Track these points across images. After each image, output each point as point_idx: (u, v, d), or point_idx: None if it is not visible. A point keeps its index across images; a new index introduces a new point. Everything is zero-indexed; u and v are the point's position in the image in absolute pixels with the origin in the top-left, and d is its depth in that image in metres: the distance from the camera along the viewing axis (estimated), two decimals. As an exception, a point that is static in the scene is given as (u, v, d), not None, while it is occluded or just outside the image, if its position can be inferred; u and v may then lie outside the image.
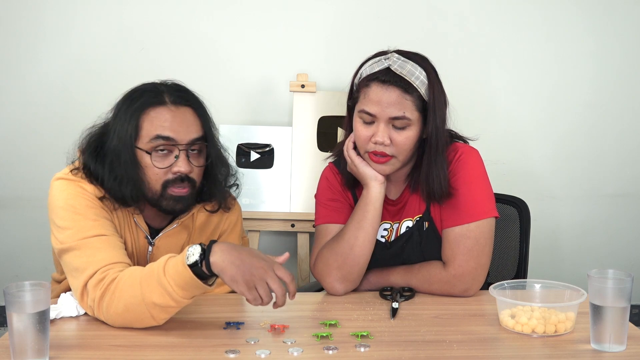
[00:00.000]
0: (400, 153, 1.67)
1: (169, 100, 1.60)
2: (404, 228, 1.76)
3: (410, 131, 1.65)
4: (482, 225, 1.68)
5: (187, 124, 1.59)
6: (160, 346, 1.38)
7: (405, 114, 1.63)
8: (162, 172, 1.57)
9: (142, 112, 1.58)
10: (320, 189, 1.86)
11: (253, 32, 2.67)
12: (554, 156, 2.80)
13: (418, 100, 1.65)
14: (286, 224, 2.59)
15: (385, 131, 1.64)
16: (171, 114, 1.58)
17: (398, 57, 1.66)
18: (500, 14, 2.72)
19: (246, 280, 1.37)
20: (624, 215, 2.85)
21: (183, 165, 1.57)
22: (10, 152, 2.69)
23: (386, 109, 1.63)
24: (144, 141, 1.58)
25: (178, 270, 1.38)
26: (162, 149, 1.57)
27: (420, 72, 1.65)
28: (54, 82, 2.66)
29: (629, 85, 2.78)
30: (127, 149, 1.57)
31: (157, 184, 1.58)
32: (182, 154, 1.57)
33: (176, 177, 1.57)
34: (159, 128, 1.56)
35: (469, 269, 1.66)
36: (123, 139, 1.57)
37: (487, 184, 1.73)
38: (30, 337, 1.25)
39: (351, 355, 1.33)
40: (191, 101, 1.64)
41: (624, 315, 1.33)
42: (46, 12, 2.63)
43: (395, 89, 1.63)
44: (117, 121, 1.60)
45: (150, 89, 1.63)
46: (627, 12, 2.73)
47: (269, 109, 2.70)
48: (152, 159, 1.56)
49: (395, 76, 1.63)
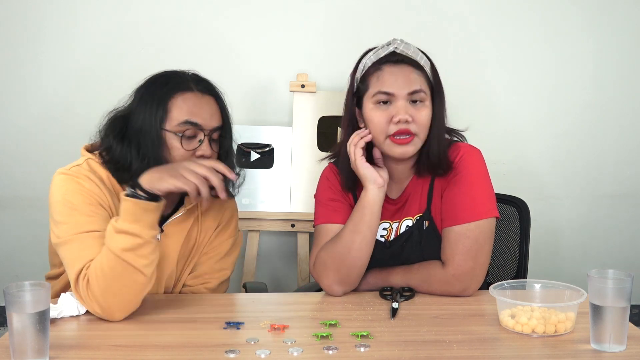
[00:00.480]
0: (421, 131, 1.69)
1: (195, 88, 1.70)
2: (404, 227, 1.76)
3: (427, 107, 1.69)
4: (482, 225, 1.68)
5: (211, 112, 1.69)
6: (160, 346, 1.38)
7: (421, 87, 1.68)
8: (187, 154, 1.66)
9: (171, 97, 1.67)
10: (320, 189, 1.86)
11: (253, 32, 2.67)
12: (554, 156, 2.80)
13: (426, 78, 1.71)
14: (286, 224, 2.59)
15: (404, 107, 1.66)
16: (198, 100, 1.68)
17: (401, 40, 1.72)
18: (499, 14, 2.72)
19: (172, 175, 1.52)
20: (624, 215, 2.85)
21: (207, 149, 1.67)
22: (10, 153, 2.69)
23: (404, 85, 1.67)
24: (172, 124, 1.65)
25: (123, 210, 1.50)
26: (189, 133, 1.66)
27: (422, 55, 1.73)
28: (55, 83, 2.66)
29: (629, 85, 2.78)
30: (155, 130, 1.64)
31: None
32: (206, 139, 1.67)
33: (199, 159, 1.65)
34: (188, 113, 1.66)
35: (467, 268, 1.66)
36: (150, 122, 1.65)
37: (488, 184, 1.73)
38: (30, 337, 1.25)
39: (351, 355, 1.33)
40: (213, 91, 1.75)
41: (624, 315, 1.33)
42: (47, 12, 2.63)
43: (408, 66, 1.70)
44: (142, 104, 1.67)
45: (175, 75, 1.72)
46: (626, 12, 2.74)
47: (269, 109, 2.70)
48: (182, 141, 1.65)
49: (403, 56, 1.71)
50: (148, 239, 1.51)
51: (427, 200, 1.75)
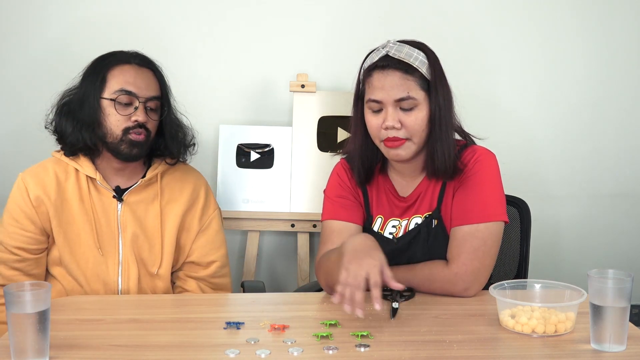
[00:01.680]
0: (414, 135, 1.68)
1: (134, 61, 1.86)
2: (413, 225, 1.76)
3: (419, 111, 1.67)
4: (491, 227, 1.68)
5: (147, 83, 1.85)
6: (160, 346, 1.38)
7: (409, 94, 1.66)
8: (123, 119, 1.80)
9: (110, 68, 1.83)
10: (330, 184, 1.86)
11: (253, 32, 2.67)
12: (554, 156, 2.80)
13: (421, 79, 1.67)
14: (286, 224, 2.59)
15: (393, 115, 1.66)
16: (135, 71, 1.84)
17: (394, 42, 1.69)
18: (499, 14, 2.72)
19: None
20: (625, 215, 2.85)
21: (141, 115, 1.81)
22: (11, 153, 2.69)
23: (390, 92, 1.66)
24: (109, 92, 1.81)
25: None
26: (124, 101, 1.81)
27: (418, 53, 1.69)
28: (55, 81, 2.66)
29: (629, 85, 2.78)
30: (91, 99, 1.81)
31: (117, 129, 1.80)
32: (140, 106, 1.82)
33: (135, 125, 1.80)
34: (124, 83, 1.82)
35: (472, 268, 1.66)
36: (90, 91, 1.81)
37: (500, 188, 1.74)
38: (30, 337, 1.25)
39: (351, 355, 1.33)
40: (152, 65, 1.90)
41: (624, 315, 1.33)
42: (46, 12, 2.63)
43: (396, 71, 1.66)
44: (84, 80, 1.85)
45: (117, 52, 1.89)
46: (627, 11, 2.73)
47: (269, 109, 2.70)
48: (116, 107, 1.80)
49: (393, 60, 1.67)
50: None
51: (438, 199, 1.75)
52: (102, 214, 1.84)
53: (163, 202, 1.89)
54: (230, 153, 2.59)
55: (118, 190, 1.86)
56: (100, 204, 1.85)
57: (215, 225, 1.95)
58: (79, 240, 1.82)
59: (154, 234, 1.86)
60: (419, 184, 1.78)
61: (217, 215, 1.97)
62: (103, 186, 1.84)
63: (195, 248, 1.91)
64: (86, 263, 1.81)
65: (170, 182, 1.92)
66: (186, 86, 2.55)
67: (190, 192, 1.93)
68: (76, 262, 1.81)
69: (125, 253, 1.83)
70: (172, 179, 1.93)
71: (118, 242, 1.83)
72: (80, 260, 1.81)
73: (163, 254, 1.86)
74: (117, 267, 1.82)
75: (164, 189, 1.91)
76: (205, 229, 1.92)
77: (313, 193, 2.57)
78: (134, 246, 1.83)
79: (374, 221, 1.80)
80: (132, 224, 1.84)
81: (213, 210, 1.96)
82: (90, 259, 1.81)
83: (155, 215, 1.87)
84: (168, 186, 1.92)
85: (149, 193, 1.89)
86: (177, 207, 1.90)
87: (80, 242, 1.82)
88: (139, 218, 1.85)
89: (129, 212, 1.85)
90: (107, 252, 1.82)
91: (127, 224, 1.84)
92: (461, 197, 1.72)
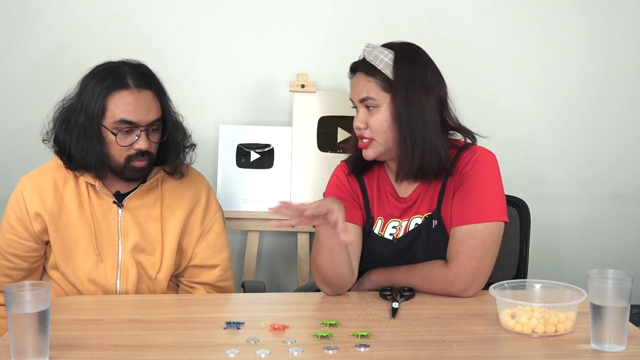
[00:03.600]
0: (377, 135, 1.72)
1: (132, 84, 1.76)
2: (413, 225, 1.77)
3: (380, 113, 1.71)
4: (490, 227, 1.68)
5: (147, 107, 1.77)
6: (160, 346, 1.38)
7: (368, 94, 1.71)
8: (125, 148, 1.77)
9: (108, 94, 1.75)
10: (329, 187, 1.88)
11: (253, 32, 2.67)
12: (554, 156, 2.80)
13: (384, 81, 1.70)
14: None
15: (361, 115, 1.74)
16: (134, 97, 1.76)
17: (371, 46, 1.74)
18: (499, 14, 2.72)
19: None
20: (624, 215, 2.85)
21: (143, 143, 1.77)
22: (11, 153, 2.69)
23: (355, 93, 1.74)
24: (109, 121, 1.75)
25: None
26: (125, 129, 1.75)
27: (387, 55, 1.71)
28: (54, 82, 2.66)
29: (630, 84, 2.77)
30: (93, 126, 1.75)
31: (120, 158, 1.78)
32: (142, 134, 1.77)
33: (137, 152, 1.77)
34: (123, 112, 1.75)
35: (470, 268, 1.66)
36: (90, 116, 1.75)
37: (500, 189, 1.75)
38: (30, 337, 1.25)
39: (351, 355, 1.33)
40: (152, 85, 1.81)
41: (624, 315, 1.33)
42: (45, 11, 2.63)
43: (360, 73, 1.73)
44: (84, 97, 1.78)
45: (114, 71, 1.78)
46: (627, 11, 2.73)
47: (269, 109, 2.70)
48: (117, 139, 1.75)
49: (363, 63, 1.73)
50: None
51: (437, 199, 1.75)
52: (102, 219, 1.83)
53: (164, 207, 1.87)
54: (230, 153, 2.59)
55: (118, 196, 1.85)
56: (101, 209, 1.83)
57: (218, 228, 1.93)
58: (76, 246, 1.81)
59: (154, 239, 1.84)
60: (419, 185, 1.78)
61: (219, 218, 1.95)
62: (103, 192, 1.83)
63: (197, 252, 1.89)
64: (82, 268, 1.80)
65: (170, 186, 1.90)
66: (186, 86, 2.56)
67: (192, 195, 1.91)
68: (71, 269, 1.80)
69: (124, 257, 1.82)
70: (173, 182, 1.91)
71: (117, 247, 1.82)
72: (76, 266, 1.80)
73: (163, 259, 1.84)
74: (116, 271, 1.81)
75: (164, 193, 1.89)
76: (207, 232, 1.91)
77: (313, 193, 2.56)
78: (134, 251, 1.82)
79: (375, 223, 1.81)
80: (132, 229, 1.83)
81: (215, 213, 1.94)
82: (87, 264, 1.80)
83: (156, 219, 1.86)
84: (169, 190, 1.90)
85: (149, 198, 1.87)
86: (179, 211, 1.88)
87: (78, 247, 1.81)
88: (139, 223, 1.84)
89: (129, 217, 1.83)
90: (106, 257, 1.81)
91: (128, 230, 1.83)
92: (461, 197, 1.72)
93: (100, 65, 1.81)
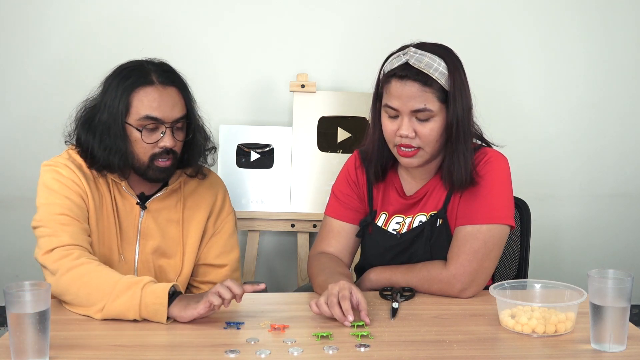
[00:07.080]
0: (427, 144, 1.68)
1: (157, 81, 1.73)
2: (417, 222, 1.77)
3: (434, 122, 1.66)
4: (493, 229, 1.67)
5: (172, 104, 1.74)
6: (160, 346, 1.38)
7: (426, 105, 1.65)
8: (149, 146, 1.73)
9: (132, 91, 1.72)
10: (339, 179, 1.88)
11: (253, 32, 2.67)
12: (555, 156, 2.80)
13: (439, 91, 1.66)
14: (286, 224, 2.59)
15: (408, 124, 1.66)
16: (159, 93, 1.72)
17: (415, 50, 1.67)
18: (499, 14, 2.72)
19: (198, 301, 1.51)
20: (624, 215, 2.85)
21: (169, 141, 1.73)
22: (11, 152, 2.69)
23: (407, 103, 1.65)
24: (133, 118, 1.72)
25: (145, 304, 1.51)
26: (150, 126, 1.72)
27: (439, 63, 1.66)
28: (55, 82, 2.66)
29: (630, 85, 2.78)
30: (117, 124, 1.71)
31: (145, 156, 1.73)
32: (167, 131, 1.73)
33: (162, 151, 1.73)
34: (148, 108, 1.71)
35: (470, 269, 1.65)
36: (114, 114, 1.72)
37: (509, 192, 1.73)
38: (30, 337, 1.25)
39: (351, 355, 1.33)
40: (176, 81, 1.78)
41: (624, 315, 1.33)
42: (45, 11, 2.63)
43: (414, 82, 1.64)
44: (107, 96, 1.74)
45: (138, 69, 1.76)
46: (623, 13, 2.73)
47: (269, 109, 2.70)
48: (142, 135, 1.72)
49: (413, 70, 1.65)
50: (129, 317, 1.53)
51: (445, 199, 1.75)
52: (124, 219, 1.79)
53: (185, 210, 1.85)
54: (230, 153, 2.59)
55: (142, 197, 1.81)
56: (123, 208, 1.79)
57: (228, 228, 1.91)
58: (103, 239, 1.77)
59: (175, 242, 1.83)
60: (427, 183, 1.78)
61: (231, 219, 1.93)
62: (128, 192, 1.79)
63: (207, 251, 1.88)
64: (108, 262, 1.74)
65: (190, 188, 1.88)
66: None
67: (210, 197, 1.89)
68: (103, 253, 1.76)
69: (141, 259, 1.79)
70: (193, 185, 1.88)
71: (135, 248, 1.80)
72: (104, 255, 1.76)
73: (184, 262, 1.83)
74: (132, 273, 1.78)
75: (186, 196, 1.86)
76: (219, 232, 1.89)
77: (313, 193, 2.57)
78: (154, 255, 1.80)
79: (378, 216, 1.81)
80: (153, 232, 1.80)
81: (227, 214, 1.92)
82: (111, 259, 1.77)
83: (177, 222, 1.83)
84: (189, 193, 1.87)
85: (171, 200, 1.84)
86: (199, 214, 1.86)
87: (104, 241, 1.77)
88: (160, 225, 1.81)
89: (150, 219, 1.81)
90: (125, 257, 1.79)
91: (148, 232, 1.80)
92: (468, 197, 1.71)
93: (124, 64, 1.78)
